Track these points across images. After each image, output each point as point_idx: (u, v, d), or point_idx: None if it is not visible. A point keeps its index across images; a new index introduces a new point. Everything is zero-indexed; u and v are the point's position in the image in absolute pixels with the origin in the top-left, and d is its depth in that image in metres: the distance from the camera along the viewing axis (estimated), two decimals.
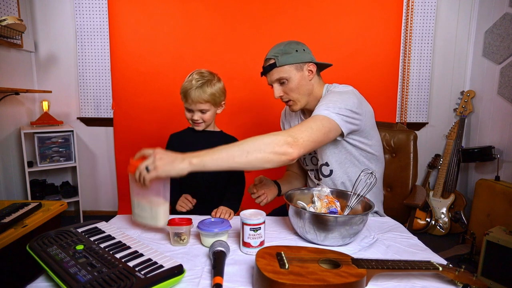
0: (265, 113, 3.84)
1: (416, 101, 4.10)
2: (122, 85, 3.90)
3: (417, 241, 1.50)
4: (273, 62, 1.82)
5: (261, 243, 1.35)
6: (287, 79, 1.82)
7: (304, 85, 1.84)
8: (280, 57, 1.80)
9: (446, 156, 3.99)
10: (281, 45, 1.84)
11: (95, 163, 4.24)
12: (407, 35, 3.96)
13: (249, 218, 1.33)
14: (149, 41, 3.85)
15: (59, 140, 3.77)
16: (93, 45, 3.98)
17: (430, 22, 3.98)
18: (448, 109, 4.17)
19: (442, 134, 4.18)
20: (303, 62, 1.83)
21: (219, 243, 1.28)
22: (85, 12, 3.92)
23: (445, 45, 4.06)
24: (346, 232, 1.37)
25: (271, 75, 1.86)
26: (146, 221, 1.51)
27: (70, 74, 4.04)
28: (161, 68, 3.86)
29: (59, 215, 2.62)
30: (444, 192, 3.95)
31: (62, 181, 4.19)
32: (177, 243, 1.43)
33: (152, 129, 3.93)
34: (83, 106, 4.08)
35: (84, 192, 4.15)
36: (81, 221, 3.91)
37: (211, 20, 3.83)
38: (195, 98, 1.94)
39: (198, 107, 1.97)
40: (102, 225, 1.45)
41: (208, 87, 1.96)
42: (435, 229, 3.89)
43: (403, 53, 4.00)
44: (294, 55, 1.81)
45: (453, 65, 4.10)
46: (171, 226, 1.43)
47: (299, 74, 1.82)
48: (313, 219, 1.38)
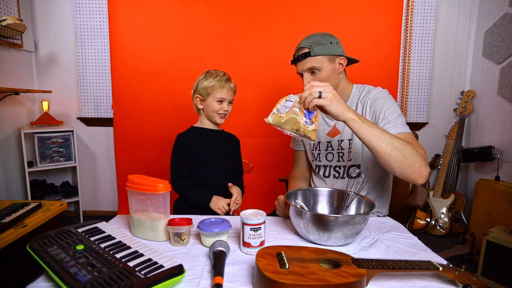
0: (266, 113, 3.81)
1: (416, 101, 4.10)
2: (122, 85, 3.90)
3: (417, 241, 1.50)
4: (307, 51, 1.83)
5: (261, 243, 1.35)
6: (319, 69, 1.84)
7: (333, 77, 1.88)
8: (315, 47, 1.82)
9: (446, 156, 3.99)
10: (316, 35, 1.87)
11: (95, 163, 4.24)
12: (407, 35, 3.96)
13: (249, 218, 1.33)
14: (149, 41, 3.85)
15: (59, 140, 3.77)
16: (93, 45, 3.99)
17: (430, 22, 3.98)
18: (448, 109, 4.18)
19: (442, 134, 4.18)
20: (336, 54, 1.86)
21: (219, 243, 1.28)
22: (85, 12, 3.93)
23: (445, 45, 4.06)
24: (349, 232, 1.36)
25: (303, 64, 1.87)
26: (147, 237, 1.50)
27: (70, 74, 4.05)
28: (161, 68, 3.86)
29: (59, 215, 2.62)
30: (444, 192, 3.95)
31: (62, 181, 4.19)
32: (177, 243, 1.43)
33: (152, 129, 3.94)
34: (83, 106, 4.08)
35: (84, 192, 4.15)
36: (81, 221, 3.91)
37: (211, 20, 3.83)
38: (232, 87, 2.16)
39: (230, 98, 2.16)
40: (102, 225, 1.45)
41: (231, 80, 2.19)
42: (435, 229, 3.89)
43: (403, 53, 4.00)
44: (329, 46, 1.84)
45: (453, 65, 4.10)
46: (171, 226, 1.43)
47: (331, 66, 1.86)
48: (315, 220, 1.38)
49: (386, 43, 3.87)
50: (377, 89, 1.93)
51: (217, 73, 2.16)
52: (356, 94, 1.97)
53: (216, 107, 2.13)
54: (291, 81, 3.61)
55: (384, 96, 1.87)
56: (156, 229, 1.47)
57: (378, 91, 1.90)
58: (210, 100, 2.13)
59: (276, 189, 3.48)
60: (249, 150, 3.74)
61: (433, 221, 3.89)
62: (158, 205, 1.46)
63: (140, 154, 3.99)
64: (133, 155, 4.01)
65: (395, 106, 1.82)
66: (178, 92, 3.81)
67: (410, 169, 1.50)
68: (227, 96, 2.13)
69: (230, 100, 2.17)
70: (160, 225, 1.47)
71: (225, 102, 2.14)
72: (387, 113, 1.77)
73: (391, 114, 1.77)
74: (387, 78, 3.89)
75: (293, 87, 3.73)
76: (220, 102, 2.13)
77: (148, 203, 1.47)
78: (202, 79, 2.15)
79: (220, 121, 2.18)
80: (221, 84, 2.11)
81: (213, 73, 2.16)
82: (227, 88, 2.12)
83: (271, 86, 3.83)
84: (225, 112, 2.16)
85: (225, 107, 2.14)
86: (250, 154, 3.86)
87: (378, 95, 1.87)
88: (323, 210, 1.70)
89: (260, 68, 3.84)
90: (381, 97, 1.85)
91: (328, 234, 1.37)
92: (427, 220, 3.90)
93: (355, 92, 1.98)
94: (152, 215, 1.47)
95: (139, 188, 1.45)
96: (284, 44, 3.63)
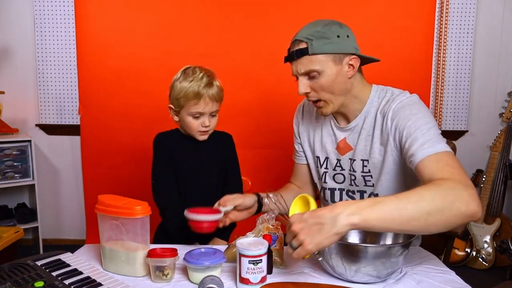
0: (268, 117, 3.87)
1: (453, 104, 4.11)
2: (91, 85, 3.92)
3: (454, 276, 1.50)
4: (305, 48, 1.66)
5: (263, 279, 1.35)
6: (319, 72, 1.67)
7: (340, 83, 1.71)
8: (315, 41, 1.65)
9: (490, 172, 3.99)
10: (318, 25, 1.70)
11: (58, 180, 4.24)
12: (442, 23, 3.97)
13: (247, 248, 1.33)
14: (126, 31, 3.86)
15: (14, 152, 3.77)
16: (55, 35, 3.99)
17: (470, 7, 3.98)
18: (493, 114, 4.18)
19: (485, 145, 4.18)
20: (344, 53, 1.69)
21: (211, 279, 1.28)
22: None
23: (489, 35, 4.06)
24: (382, 266, 1.36)
25: (298, 64, 1.70)
26: (121, 272, 1.49)
27: (27, 71, 4.05)
28: (140, 64, 3.87)
29: (14, 244, 2.62)
30: (487, 216, 3.94)
31: (18, 202, 4.17)
32: (159, 279, 1.43)
33: (128, 138, 3.94)
34: (43, 111, 4.09)
35: (45, 216, 4.12)
36: (40, 251, 3.89)
37: (201, 6, 3.84)
38: (212, 96, 1.93)
39: (212, 109, 1.97)
40: (66, 257, 1.45)
41: (216, 81, 1.98)
42: (477, 261, 3.88)
43: (437, 46, 4.01)
44: (334, 42, 1.66)
45: (499, 60, 4.11)
46: (151, 258, 1.43)
47: (336, 68, 1.68)
48: (340, 249, 1.37)
49: (416, 33, 3.88)
50: (403, 95, 1.76)
51: (195, 74, 1.95)
52: (375, 100, 1.82)
53: (193, 125, 1.97)
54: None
55: (410, 104, 1.71)
56: (133, 262, 1.47)
57: (404, 98, 1.73)
58: (184, 115, 1.97)
59: None
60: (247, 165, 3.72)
61: (474, 251, 3.88)
62: (135, 233, 1.46)
63: (113, 169, 3.99)
64: (104, 170, 4.01)
65: (425, 116, 1.66)
66: (160, 93, 3.72)
67: (457, 219, 1.33)
68: (207, 109, 1.94)
69: (212, 112, 1.99)
70: (137, 257, 1.47)
71: (204, 116, 1.96)
72: (413, 128, 1.62)
73: (419, 128, 1.61)
74: (418, 76, 3.89)
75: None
76: (198, 117, 1.96)
77: (123, 230, 1.47)
78: (176, 82, 1.98)
79: (201, 138, 2.02)
80: (195, 93, 1.90)
81: (189, 74, 1.96)
82: (205, 98, 1.92)
83: (273, 86, 3.84)
84: (206, 129, 1.99)
85: (206, 122, 1.96)
86: (248, 169, 3.82)
87: (402, 104, 1.71)
88: (353, 238, 1.68)
89: (259, 64, 3.86)
90: (406, 106, 1.70)
91: (356, 268, 1.37)
92: (466, 251, 3.90)
93: (373, 97, 1.82)
94: (128, 245, 1.47)
95: (112, 212, 1.45)
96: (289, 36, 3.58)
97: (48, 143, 4.17)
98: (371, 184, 1.86)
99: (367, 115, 1.82)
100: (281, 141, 3.75)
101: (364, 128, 1.82)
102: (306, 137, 2.08)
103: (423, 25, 3.89)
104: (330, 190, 2.00)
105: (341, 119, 1.91)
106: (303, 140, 2.10)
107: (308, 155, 2.09)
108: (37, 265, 1.36)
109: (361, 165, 1.85)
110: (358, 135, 1.84)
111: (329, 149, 1.96)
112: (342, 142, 1.90)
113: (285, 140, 3.83)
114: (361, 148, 1.83)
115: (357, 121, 1.84)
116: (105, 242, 1.51)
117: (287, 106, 3.62)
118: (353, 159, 1.87)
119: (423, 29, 3.89)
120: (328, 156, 1.96)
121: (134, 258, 1.46)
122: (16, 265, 1.35)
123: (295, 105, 2.04)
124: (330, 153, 1.95)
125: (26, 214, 3.93)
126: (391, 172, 1.79)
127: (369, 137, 1.81)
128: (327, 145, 1.96)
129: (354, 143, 1.86)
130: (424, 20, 3.88)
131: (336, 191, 1.98)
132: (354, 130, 1.85)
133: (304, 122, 2.09)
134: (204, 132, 2.00)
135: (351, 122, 1.86)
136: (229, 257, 1.51)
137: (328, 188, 2.01)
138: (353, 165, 1.87)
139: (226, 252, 1.53)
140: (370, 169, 1.83)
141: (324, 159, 1.99)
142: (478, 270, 3.86)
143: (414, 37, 3.87)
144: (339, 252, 1.37)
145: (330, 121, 1.96)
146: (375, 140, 1.79)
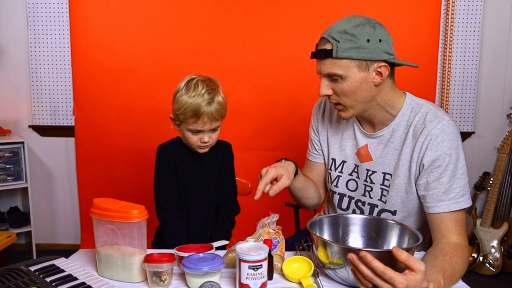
0: (268, 120, 3.87)
1: (459, 104, 4.11)
2: (86, 85, 3.92)
3: (460, 282, 1.50)
4: (329, 49, 1.60)
5: (263, 285, 1.35)
6: (342, 77, 1.62)
7: (364, 90, 1.66)
8: (342, 43, 1.58)
9: (498, 175, 3.99)
10: (349, 23, 1.62)
11: (52, 183, 4.24)
12: (448, 22, 3.97)
13: (247, 253, 1.33)
14: (122, 29, 3.86)
15: (6, 154, 3.77)
16: (49, 33, 3.99)
17: (476, 5, 3.98)
18: (500, 114, 4.17)
19: (492, 147, 4.18)
20: (372, 60, 1.61)
21: (210, 285, 1.28)
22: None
23: (496, 34, 4.06)
24: None
25: (322, 64, 1.66)
26: (117, 278, 1.50)
27: (19, 70, 4.05)
28: (136, 63, 3.87)
29: (6, 249, 2.62)
30: (495, 220, 3.94)
31: (10, 206, 4.17)
32: (156, 285, 1.43)
33: (124, 140, 3.94)
34: (37, 111, 4.09)
35: (38, 221, 4.13)
36: (34, 257, 3.89)
37: (200, 5, 3.82)
38: (213, 114, 1.91)
39: (211, 127, 1.95)
40: (60, 262, 1.45)
41: (218, 96, 1.94)
42: (484, 267, 3.88)
43: (442, 46, 4.01)
44: (363, 46, 1.59)
45: (506, 60, 4.10)
46: (148, 264, 1.43)
47: (361, 75, 1.62)
48: (344, 253, 1.35)
49: (420, 34, 3.88)
50: (442, 121, 1.68)
51: (197, 89, 1.91)
52: (406, 113, 1.77)
53: (192, 140, 1.98)
54: (301, 81, 3.62)
55: (454, 146, 1.67)
56: (130, 268, 1.47)
57: (444, 127, 1.67)
58: (184, 129, 1.97)
59: (282, 217, 3.45)
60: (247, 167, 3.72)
61: (481, 257, 3.88)
62: (131, 237, 1.46)
63: (109, 171, 4.00)
64: (100, 173, 4.01)
65: (464, 165, 1.68)
66: (157, 94, 3.79)
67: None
68: (205, 127, 1.93)
69: (212, 129, 1.97)
70: (134, 262, 1.47)
71: (203, 133, 1.96)
72: (453, 179, 1.65)
73: (456, 182, 1.65)
74: (422, 75, 3.85)
75: (303, 88, 3.74)
76: (197, 133, 1.96)
77: (119, 234, 1.47)
78: (178, 94, 1.95)
79: (201, 151, 2.03)
80: (194, 112, 1.88)
81: (191, 88, 1.91)
82: (204, 117, 1.89)
83: (275, 87, 3.83)
84: (205, 145, 1.99)
85: (205, 138, 1.96)
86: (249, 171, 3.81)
87: (443, 138, 1.66)
88: (355, 242, 1.69)
89: (261, 64, 3.85)
90: (451, 148, 1.66)
91: None
92: (473, 256, 3.89)
93: (406, 110, 1.77)
94: (124, 250, 1.47)
95: (108, 216, 1.45)
96: (293, 34, 3.64)
97: (41, 144, 4.17)
98: (384, 200, 1.83)
99: (396, 128, 1.78)
100: (282, 142, 3.76)
101: (391, 141, 1.79)
102: (325, 136, 2.03)
103: (428, 24, 3.88)
104: (340, 195, 1.98)
105: (366, 124, 1.87)
106: (322, 139, 2.05)
107: (324, 155, 2.06)
108: (30, 271, 1.36)
109: (381, 178, 1.83)
110: (383, 146, 1.81)
111: (348, 153, 1.93)
112: (363, 148, 1.87)
113: (286, 142, 3.84)
114: (386, 161, 1.81)
115: (384, 132, 1.80)
116: (101, 247, 1.51)
117: (288, 108, 3.63)
118: (372, 171, 1.85)
119: (428, 28, 3.89)
120: (346, 160, 1.94)
121: (131, 263, 1.46)
122: (8, 270, 1.35)
123: (295, 106, 2.04)
124: (349, 157, 1.93)
125: (19, 218, 3.93)
126: (403, 190, 1.78)
127: (397, 152, 1.78)
128: (346, 148, 1.93)
129: (376, 154, 1.84)
130: (430, 19, 3.88)
131: (346, 197, 1.96)
132: (380, 140, 1.82)
133: (324, 120, 2.05)
134: (203, 147, 2.00)
135: (378, 131, 1.82)
136: (228, 262, 1.51)
137: (338, 193, 1.98)
138: (371, 176, 1.85)
139: (225, 257, 1.53)
140: (391, 184, 1.80)
141: (340, 163, 1.96)
142: (485, 276, 3.86)
143: (419, 37, 3.87)
144: (342, 257, 1.37)
145: (353, 124, 1.92)
146: (402, 157, 1.75)
